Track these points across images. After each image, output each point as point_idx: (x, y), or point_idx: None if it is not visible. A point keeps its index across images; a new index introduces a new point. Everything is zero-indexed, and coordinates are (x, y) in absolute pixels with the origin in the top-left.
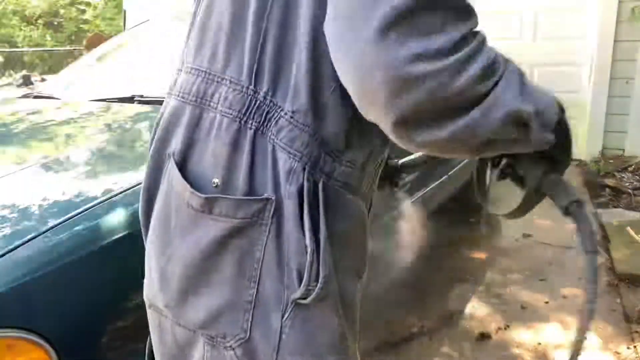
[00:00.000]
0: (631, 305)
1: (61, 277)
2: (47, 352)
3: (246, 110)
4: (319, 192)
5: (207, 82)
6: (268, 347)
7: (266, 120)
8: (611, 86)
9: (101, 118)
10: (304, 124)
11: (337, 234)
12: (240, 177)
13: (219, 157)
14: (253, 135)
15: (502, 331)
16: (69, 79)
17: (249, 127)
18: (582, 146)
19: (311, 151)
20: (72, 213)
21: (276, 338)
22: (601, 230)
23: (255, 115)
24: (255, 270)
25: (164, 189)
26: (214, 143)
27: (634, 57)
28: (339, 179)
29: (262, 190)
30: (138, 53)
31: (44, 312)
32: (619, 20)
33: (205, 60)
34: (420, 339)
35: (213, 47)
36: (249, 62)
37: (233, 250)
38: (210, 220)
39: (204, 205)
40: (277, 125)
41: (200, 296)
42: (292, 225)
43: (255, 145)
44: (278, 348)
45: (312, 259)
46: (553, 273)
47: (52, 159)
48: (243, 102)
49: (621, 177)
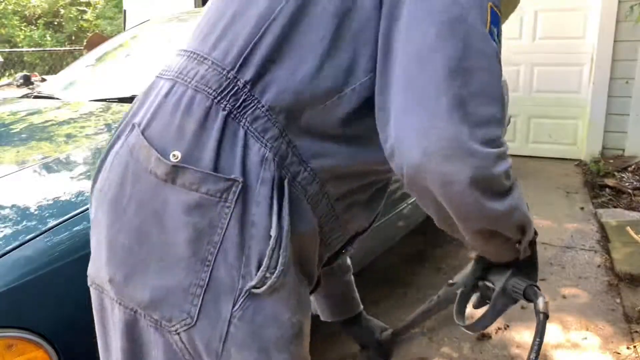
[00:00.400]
0: (631, 305)
1: (61, 277)
2: (47, 352)
3: (222, 91)
4: (284, 187)
5: (189, 60)
6: (214, 336)
7: (241, 106)
8: (611, 86)
9: (101, 118)
10: (276, 121)
11: (295, 233)
12: (205, 153)
13: (185, 131)
14: (225, 116)
15: (502, 331)
16: (69, 79)
17: (222, 109)
18: (582, 146)
19: (279, 146)
20: (72, 213)
21: (224, 327)
22: (601, 230)
23: (230, 98)
24: (211, 254)
25: (120, 160)
26: (182, 117)
27: (634, 57)
28: (302, 184)
29: (228, 171)
30: (138, 53)
31: (44, 312)
32: (619, 20)
33: (196, 42)
34: (420, 339)
35: (208, 31)
36: (238, 50)
37: (191, 228)
38: (172, 191)
39: (169, 173)
40: (253, 114)
41: (149, 274)
42: (263, 210)
43: (226, 126)
44: (225, 338)
45: (274, 246)
46: (553, 273)
47: (52, 159)
48: (220, 83)
49: (621, 177)
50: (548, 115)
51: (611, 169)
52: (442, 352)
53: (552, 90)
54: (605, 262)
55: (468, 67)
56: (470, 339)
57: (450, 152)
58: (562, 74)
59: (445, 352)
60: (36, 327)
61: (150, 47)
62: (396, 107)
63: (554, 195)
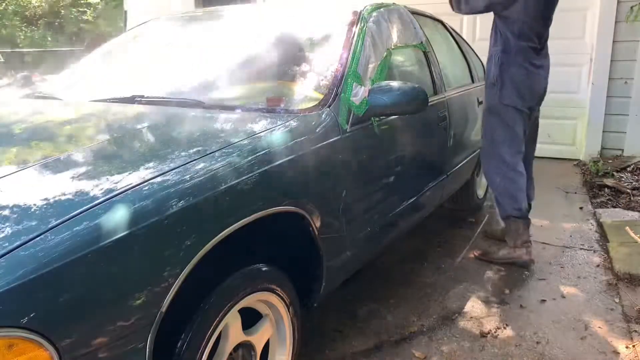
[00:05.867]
0: (630, 304)
1: (61, 277)
2: (47, 352)
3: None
4: None
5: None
6: None
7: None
8: (610, 86)
9: (102, 118)
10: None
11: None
12: None
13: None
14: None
15: (502, 331)
16: (70, 80)
17: None
18: (581, 146)
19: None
20: (72, 213)
21: None
22: (600, 230)
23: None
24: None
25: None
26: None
27: (633, 57)
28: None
29: None
30: (138, 53)
31: (44, 312)
32: (618, 21)
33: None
34: (420, 339)
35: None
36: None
37: None
38: None
39: None
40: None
41: None
42: None
43: None
44: None
45: None
46: (552, 273)
47: (52, 159)
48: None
49: (620, 177)
50: (547, 115)
51: (610, 169)
52: (442, 350)
53: (551, 91)
54: (604, 262)
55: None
56: (470, 338)
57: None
58: (561, 74)
59: (445, 351)
60: (36, 327)
61: (151, 48)
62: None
63: (553, 195)
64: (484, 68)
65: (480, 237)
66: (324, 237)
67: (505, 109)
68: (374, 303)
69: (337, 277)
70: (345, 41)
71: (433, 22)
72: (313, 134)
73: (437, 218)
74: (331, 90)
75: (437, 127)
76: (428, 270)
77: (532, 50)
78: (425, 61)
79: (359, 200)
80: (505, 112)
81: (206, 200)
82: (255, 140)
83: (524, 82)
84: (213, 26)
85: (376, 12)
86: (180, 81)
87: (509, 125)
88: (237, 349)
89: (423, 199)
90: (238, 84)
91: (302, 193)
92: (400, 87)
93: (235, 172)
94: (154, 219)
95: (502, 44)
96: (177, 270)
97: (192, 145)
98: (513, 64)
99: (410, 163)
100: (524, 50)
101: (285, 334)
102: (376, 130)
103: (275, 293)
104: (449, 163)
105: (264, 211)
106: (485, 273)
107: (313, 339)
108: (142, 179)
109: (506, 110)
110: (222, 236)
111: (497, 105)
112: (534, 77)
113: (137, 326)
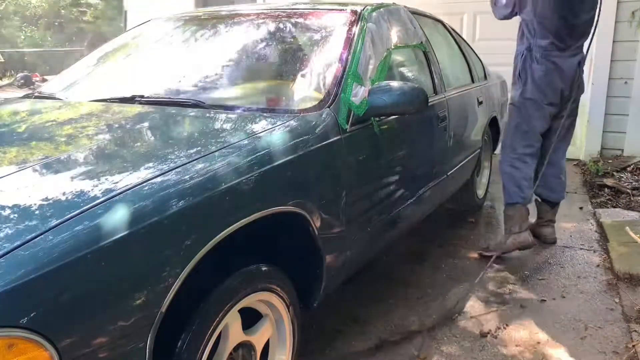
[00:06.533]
0: (630, 304)
1: (61, 277)
2: (47, 352)
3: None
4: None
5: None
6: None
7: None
8: (610, 86)
9: (102, 118)
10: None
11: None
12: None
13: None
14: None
15: (502, 331)
16: (70, 80)
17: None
18: (581, 146)
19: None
20: (72, 213)
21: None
22: (600, 230)
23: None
24: None
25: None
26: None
27: (633, 58)
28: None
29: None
30: (138, 53)
31: (44, 312)
32: (618, 21)
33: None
34: (420, 339)
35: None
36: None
37: None
38: None
39: None
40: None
41: None
42: None
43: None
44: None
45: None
46: (552, 272)
47: (52, 159)
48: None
49: (620, 177)
50: None
51: (610, 168)
52: (442, 350)
53: None
54: (604, 262)
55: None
56: (471, 338)
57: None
58: None
59: (445, 351)
60: (37, 327)
61: (150, 48)
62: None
63: None
64: (484, 68)
65: (480, 237)
66: (324, 237)
67: (526, 103)
68: (374, 303)
69: (337, 277)
70: (345, 41)
71: (433, 22)
72: (313, 134)
73: (437, 218)
74: (331, 90)
75: (437, 127)
76: (428, 270)
77: (554, 49)
78: (425, 61)
79: (359, 200)
80: (525, 106)
81: (206, 201)
82: (255, 140)
83: (542, 79)
84: (213, 26)
85: (376, 12)
86: (180, 81)
87: (526, 119)
88: (237, 349)
89: (423, 199)
90: (238, 84)
91: (302, 193)
92: (400, 87)
93: (235, 172)
94: (154, 219)
95: (526, 42)
96: (177, 270)
97: (192, 145)
98: (534, 61)
99: (410, 163)
100: (544, 48)
101: (285, 334)
102: (376, 130)
103: (276, 293)
104: (448, 163)
105: (263, 211)
106: (485, 273)
107: (313, 339)
108: (141, 179)
109: (526, 104)
110: (222, 236)
111: (518, 99)
112: (553, 75)
113: (137, 326)
